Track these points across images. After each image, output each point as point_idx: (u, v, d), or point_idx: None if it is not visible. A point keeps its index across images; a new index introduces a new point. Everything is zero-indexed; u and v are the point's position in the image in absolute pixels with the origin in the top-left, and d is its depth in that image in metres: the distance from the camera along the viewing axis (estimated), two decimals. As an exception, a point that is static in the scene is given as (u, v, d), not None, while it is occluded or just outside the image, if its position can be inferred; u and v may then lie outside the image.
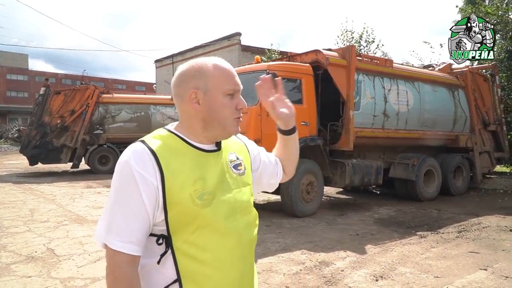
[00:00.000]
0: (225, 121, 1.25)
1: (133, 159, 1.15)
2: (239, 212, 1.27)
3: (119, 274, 1.14)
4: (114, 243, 1.14)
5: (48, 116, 14.30)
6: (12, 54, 62.45)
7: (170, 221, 1.16)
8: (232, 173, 1.31)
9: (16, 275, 4.43)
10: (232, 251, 1.23)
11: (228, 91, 1.25)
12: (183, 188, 1.16)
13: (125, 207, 1.15)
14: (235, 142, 1.43)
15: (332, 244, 5.57)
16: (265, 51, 19.45)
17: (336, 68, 7.63)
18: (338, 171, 7.83)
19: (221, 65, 1.27)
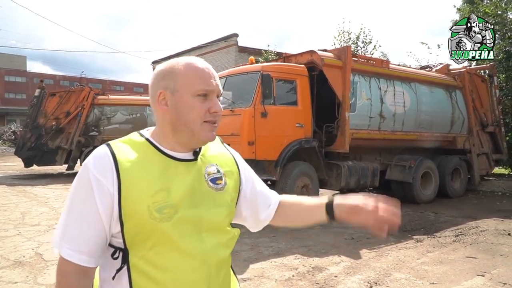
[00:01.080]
0: (192, 125, 1.12)
1: (93, 163, 1.08)
2: (206, 231, 1.14)
3: (64, 285, 1.07)
4: (64, 251, 1.07)
5: (43, 118, 14.21)
6: (10, 56, 62.32)
7: (126, 234, 1.06)
8: (208, 186, 1.17)
9: (1, 281, 4.31)
10: (195, 273, 1.10)
11: (198, 92, 1.12)
12: (141, 199, 1.05)
13: (79, 213, 1.07)
14: (222, 154, 1.29)
15: (326, 249, 5.46)
16: (262, 52, 19.37)
17: (332, 69, 7.53)
18: (333, 173, 7.72)
19: (194, 63, 1.15)
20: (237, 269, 4.57)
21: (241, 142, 6.76)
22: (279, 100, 7.09)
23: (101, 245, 1.08)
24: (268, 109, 6.84)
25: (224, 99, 7.57)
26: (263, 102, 6.79)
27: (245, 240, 5.88)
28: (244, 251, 5.33)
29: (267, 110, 6.82)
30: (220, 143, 1.34)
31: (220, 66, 18.74)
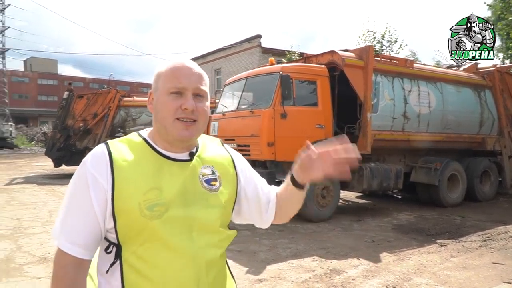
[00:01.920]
0: (164, 121, 1.16)
1: (90, 161, 1.13)
2: (197, 230, 1.15)
3: (61, 275, 1.11)
4: (62, 243, 1.11)
5: (71, 119, 14.59)
6: (43, 59, 64.51)
7: (119, 230, 1.10)
8: (201, 187, 1.19)
9: (27, 276, 4.46)
10: (183, 271, 1.11)
11: (171, 89, 1.15)
12: (133, 196, 1.09)
13: (75, 207, 1.13)
14: (219, 155, 1.30)
15: (346, 251, 5.38)
16: (285, 52, 19.31)
17: (353, 69, 7.42)
18: (355, 175, 7.60)
19: (175, 64, 1.19)
20: (253, 269, 4.60)
21: (261, 143, 6.76)
22: (299, 101, 7.04)
23: (95, 239, 1.13)
24: (288, 110, 6.80)
25: (244, 100, 7.58)
26: (283, 103, 6.76)
27: (264, 241, 5.87)
28: (262, 252, 5.32)
29: (287, 111, 6.78)
30: (220, 144, 1.37)
31: (244, 67, 18.78)
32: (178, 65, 1.18)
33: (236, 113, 7.48)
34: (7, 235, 6.20)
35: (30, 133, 41.46)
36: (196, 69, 1.20)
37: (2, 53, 46.93)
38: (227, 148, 1.37)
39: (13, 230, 6.48)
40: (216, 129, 7.92)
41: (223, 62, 26.84)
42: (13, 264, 4.86)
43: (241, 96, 7.63)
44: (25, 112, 56.81)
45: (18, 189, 11.38)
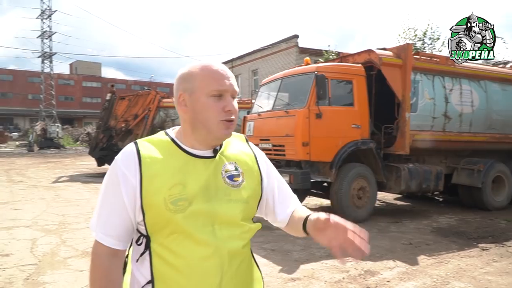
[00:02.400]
0: (208, 123, 1.20)
1: (120, 159, 1.21)
2: (219, 223, 1.21)
3: (97, 263, 1.19)
4: (97, 235, 1.20)
5: (113, 120, 15.10)
6: (87, 63, 67.17)
7: (147, 223, 1.18)
8: (224, 183, 1.25)
9: (70, 269, 4.69)
10: (207, 261, 1.17)
11: (213, 92, 1.20)
12: (159, 192, 1.16)
13: (109, 203, 1.20)
14: (242, 152, 1.35)
15: (381, 253, 5.28)
16: (322, 52, 19.16)
17: (391, 68, 7.28)
18: (393, 176, 7.45)
19: (209, 66, 1.23)
20: (287, 268, 4.61)
21: (295, 143, 6.75)
22: (334, 101, 6.99)
23: (127, 231, 1.21)
24: (323, 110, 6.76)
25: (279, 101, 7.61)
26: (318, 103, 6.73)
27: (298, 241, 5.85)
28: (296, 251, 5.32)
29: (322, 111, 6.74)
30: (244, 141, 1.40)
31: (281, 68, 18.78)
32: (215, 68, 1.22)
33: (271, 113, 7.52)
34: (52, 230, 6.53)
35: (75, 133, 43.28)
36: (229, 72, 1.25)
37: (50, 57, 49.27)
38: (251, 145, 1.41)
39: (58, 226, 6.81)
40: (251, 129, 7.99)
41: (260, 63, 26.97)
42: (58, 257, 5.12)
43: (276, 96, 7.66)
44: (71, 114, 59.37)
45: (63, 187, 11.94)
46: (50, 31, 48.91)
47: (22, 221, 7.11)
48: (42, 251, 5.36)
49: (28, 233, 6.27)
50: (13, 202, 9.06)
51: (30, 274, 4.48)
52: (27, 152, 31.98)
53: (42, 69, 49.73)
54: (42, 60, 49.17)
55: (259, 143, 7.72)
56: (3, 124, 56.68)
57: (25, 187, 11.73)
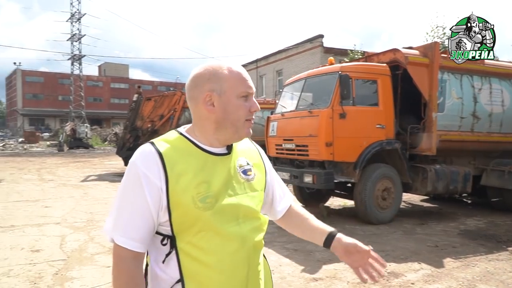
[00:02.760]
0: (238, 123, 1.26)
1: (140, 160, 1.19)
2: (242, 217, 1.26)
3: (121, 268, 1.19)
4: (118, 239, 1.18)
5: (140, 120, 15.38)
6: (115, 65, 68.66)
7: (174, 222, 1.17)
8: (240, 178, 1.29)
9: (97, 265, 4.82)
10: (235, 255, 1.22)
11: (242, 94, 1.26)
12: (186, 191, 1.17)
13: (130, 205, 1.18)
14: (248, 148, 1.42)
15: (406, 255, 5.20)
16: (347, 52, 18.98)
17: (417, 67, 7.15)
18: (419, 177, 7.31)
19: (235, 68, 1.28)
20: (309, 268, 4.61)
21: (319, 143, 6.72)
22: (358, 101, 6.92)
23: (150, 233, 1.20)
24: (347, 110, 6.71)
25: (303, 101, 7.59)
26: (342, 103, 6.68)
27: (321, 241, 5.83)
28: (319, 251, 5.30)
29: (346, 111, 6.69)
30: (247, 139, 1.46)
31: (305, 68, 18.69)
32: (240, 70, 1.28)
33: (294, 113, 7.51)
34: (81, 227, 6.72)
35: (103, 134, 44.23)
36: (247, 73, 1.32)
37: (79, 59, 50.59)
38: (252, 142, 1.48)
39: (86, 223, 7.00)
40: (275, 129, 8.00)
41: (285, 63, 26.94)
42: (85, 253, 5.27)
43: (299, 96, 7.64)
44: (99, 114, 60.84)
45: (92, 186, 12.24)
46: (79, 34, 50.22)
47: (52, 218, 7.34)
48: (71, 247, 5.53)
49: (58, 230, 6.48)
50: (44, 200, 9.36)
51: (59, 269, 4.63)
52: (57, 151, 32.91)
53: (72, 71, 51.12)
54: (72, 62, 50.54)
55: (283, 143, 7.73)
56: (35, 125, 58.65)
57: (55, 186, 12.09)
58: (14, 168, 17.88)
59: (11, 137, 47.30)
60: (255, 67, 31.21)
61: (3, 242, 5.73)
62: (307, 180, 6.85)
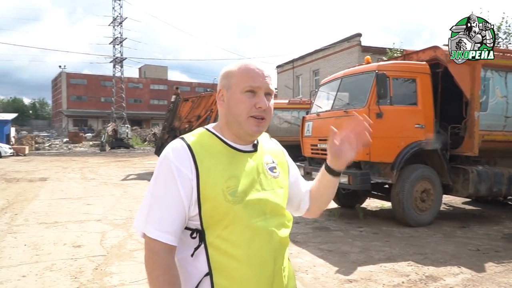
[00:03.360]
0: (239, 117, 1.26)
1: (172, 154, 1.21)
2: (269, 212, 1.28)
3: (156, 260, 1.19)
4: (152, 232, 1.19)
5: (178, 121, 15.71)
6: (155, 67, 70.41)
7: (204, 216, 1.19)
8: (267, 174, 1.32)
9: (135, 261, 4.96)
10: (263, 249, 1.23)
11: (246, 88, 1.26)
12: (216, 184, 1.19)
13: (163, 199, 1.20)
14: (273, 147, 1.46)
15: (445, 258, 5.04)
16: (386, 50, 18.56)
17: (458, 65, 6.88)
18: (460, 179, 7.06)
19: (246, 64, 1.30)
20: (344, 270, 4.56)
21: (355, 143, 6.61)
22: (396, 100, 6.77)
23: (182, 226, 1.22)
24: (384, 109, 6.57)
25: (339, 100, 7.50)
26: (378, 103, 6.55)
27: (356, 242, 5.75)
28: (354, 253, 5.23)
29: (383, 110, 6.55)
30: (270, 138, 1.49)
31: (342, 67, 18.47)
32: (251, 66, 1.29)
33: (330, 113, 7.43)
34: (120, 224, 6.93)
35: (143, 134, 45.44)
36: (266, 71, 1.30)
37: (121, 62, 52.24)
38: (275, 141, 1.50)
39: (125, 220, 7.22)
40: (310, 129, 7.95)
41: (322, 63, 26.68)
42: (124, 249, 5.44)
43: (335, 96, 7.56)
44: (139, 115, 62.50)
45: (131, 184, 12.62)
46: (121, 37, 51.86)
47: (93, 216, 7.63)
48: (110, 243, 5.73)
49: (98, 227, 6.72)
50: (86, 198, 9.74)
51: (99, 264, 4.80)
52: (99, 151, 34.12)
53: (113, 73, 52.93)
54: (113, 65, 52.32)
55: (318, 143, 7.67)
56: (78, 125, 60.96)
57: (96, 184, 12.55)
58: (58, 167, 18.69)
59: (56, 137, 49.39)
60: (291, 67, 31.09)
61: (47, 237, 6.01)
62: (342, 180, 6.76)
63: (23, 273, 4.44)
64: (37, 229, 6.55)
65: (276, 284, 1.27)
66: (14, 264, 4.78)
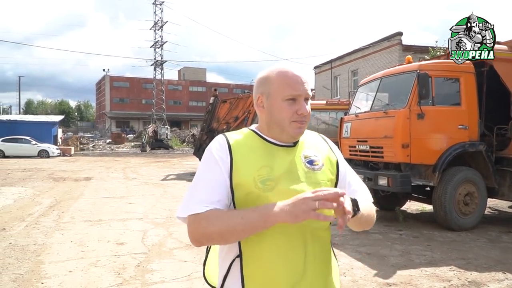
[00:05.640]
0: (282, 123, 1.32)
1: (214, 146, 1.33)
2: None
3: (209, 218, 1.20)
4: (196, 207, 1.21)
5: (216, 122, 15.91)
6: (194, 69, 71.55)
7: (237, 201, 1.27)
8: (304, 167, 1.34)
9: (175, 259, 5.10)
10: (291, 239, 1.26)
11: (287, 96, 1.31)
12: (248, 172, 1.26)
13: (207, 181, 1.26)
14: (319, 142, 1.46)
15: (490, 264, 4.86)
16: (428, 49, 18.04)
17: (505, 63, 6.62)
18: (506, 182, 6.76)
19: (285, 71, 1.34)
20: (382, 273, 4.50)
21: (394, 145, 6.49)
22: (438, 100, 6.57)
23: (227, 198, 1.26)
24: (426, 110, 6.40)
25: (378, 101, 7.38)
26: (420, 103, 6.39)
27: (396, 246, 5.64)
28: (393, 256, 5.13)
29: (425, 111, 6.39)
30: (318, 135, 1.52)
31: (382, 67, 18.11)
32: (289, 73, 1.33)
33: (369, 114, 7.32)
34: (161, 223, 7.13)
35: (182, 135, 46.35)
36: (304, 77, 1.35)
37: (161, 65, 53.53)
38: (324, 137, 1.52)
39: (165, 219, 7.41)
40: (348, 130, 7.86)
41: (361, 63, 26.27)
42: (164, 248, 5.59)
43: (375, 97, 7.44)
44: (179, 117, 63.76)
45: (171, 184, 12.92)
46: (161, 41, 53.14)
47: (135, 214, 7.88)
48: (151, 241, 5.90)
49: (140, 225, 6.94)
50: (128, 197, 10.06)
51: (140, 261, 4.96)
52: (140, 152, 35.12)
53: (154, 76, 54.28)
54: (154, 68, 53.71)
55: (357, 145, 7.58)
56: (121, 127, 62.97)
57: (138, 184, 12.94)
58: (102, 167, 19.40)
59: (100, 138, 51.22)
60: (329, 68, 30.80)
61: (92, 234, 6.27)
62: (381, 182, 6.65)
63: (70, 269, 4.66)
64: (82, 226, 6.84)
65: (308, 277, 1.27)
66: (61, 259, 5.02)
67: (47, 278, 4.35)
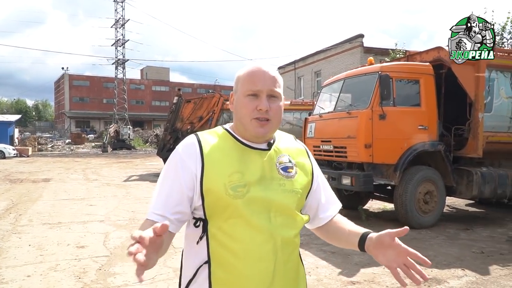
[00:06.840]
0: (243, 120, 1.30)
1: (182, 148, 1.29)
2: (274, 211, 1.26)
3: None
4: (150, 215, 1.23)
5: (180, 122, 15.70)
6: (157, 68, 70.46)
7: (206, 207, 1.23)
8: (278, 174, 1.31)
9: (138, 263, 4.93)
10: (262, 247, 1.22)
11: (248, 92, 1.29)
12: (219, 178, 1.22)
13: (165, 187, 1.26)
14: (295, 147, 1.43)
15: (449, 261, 5.01)
16: (388, 51, 18.52)
17: (462, 65, 6.83)
18: (464, 180, 7.03)
19: (251, 68, 1.33)
20: (347, 271, 4.54)
21: (357, 145, 6.60)
22: (399, 101, 6.74)
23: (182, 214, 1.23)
24: (387, 110, 6.55)
25: (341, 102, 7.48)
26: (382, 104, 6.53)
27: (360, 244, 5.72)
28: (357, 254, 5.20)
29: (386, 111, 6.53)
30: (294, 139, 1.48)
31: (344, 68, 18.44)
32: (254, 70, 1.31)
33: (333, 115, 7.41)
34: (123, 225, 6.93)
35: (145, 135, 45.50)
36: (270, 73, 1.31)
37: (123, 64, 52.32)
38: (300, 142, 1.48)
39: (128, 221, 7.22)
40: (312, 130, 7.93)
41: (323, 64, 26.66)
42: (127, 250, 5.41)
43: (338, 97, 7.53)
44: (141, 116, 62.54)
45: (133, 185, 12.61)
46: (123, 39, 51.94)
47: (96, 216, 7.62)
48: (114, 244, 5.72)
49: (102, 228, 6.71)
50: (89, 199, 9.74)
51: (102, 265, 4.79)
52: (101, 152, 34.16)
53: (115, 75, 52.96)
54: (115, 67, 52.38)
55: (321, 145, 7.65)
56: (81, 127, 61.10)
57: (99, 185, 12.55)
58: (61, 168, 18.72)
59: (59, 139, 49.48)
60: (293, 68, 31.07)
61: (51, 238, 6.01)
62: (345, 182, 6.75)
63: (28, 273, 4.45)
64: (41, 229, 6.55)
65: (276, 284, 1.24)
66: (19, 264, 4.78)
67: (4, 284, 4.14)
